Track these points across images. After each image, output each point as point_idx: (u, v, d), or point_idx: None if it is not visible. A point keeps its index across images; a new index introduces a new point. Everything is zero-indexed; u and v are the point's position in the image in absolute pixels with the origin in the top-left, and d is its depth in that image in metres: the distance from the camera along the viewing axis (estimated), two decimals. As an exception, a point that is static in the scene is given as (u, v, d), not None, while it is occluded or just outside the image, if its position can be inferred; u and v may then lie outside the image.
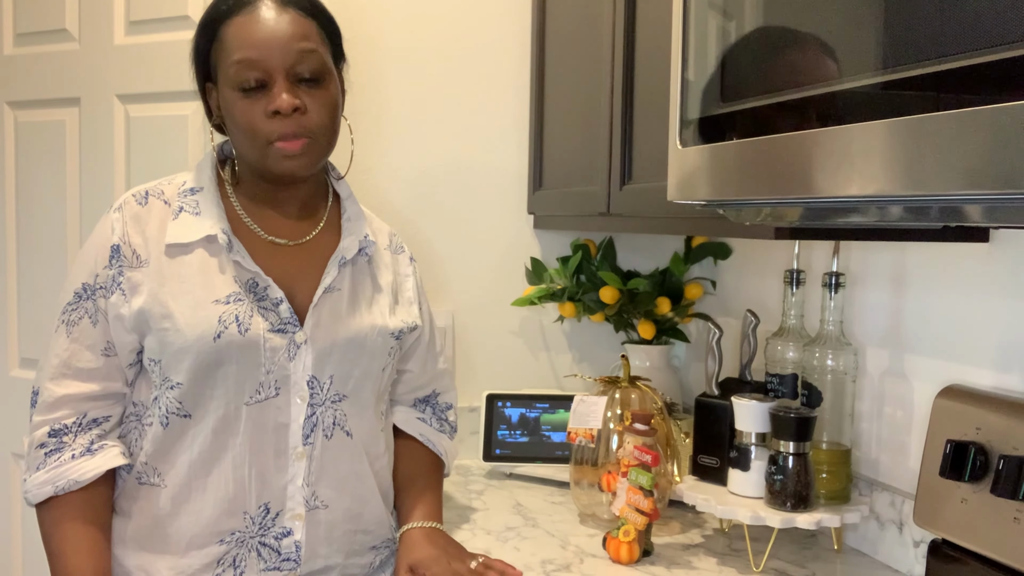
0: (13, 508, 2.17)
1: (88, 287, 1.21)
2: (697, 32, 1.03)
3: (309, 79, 1.18)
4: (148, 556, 1.20)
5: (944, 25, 0.67)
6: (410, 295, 1.38)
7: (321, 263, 1.27)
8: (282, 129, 1.16)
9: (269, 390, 1.20)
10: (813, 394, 1.41)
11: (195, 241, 1.20)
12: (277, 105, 1.15)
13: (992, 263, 1.20)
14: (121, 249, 1.19)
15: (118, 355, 1.21)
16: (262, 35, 1.16)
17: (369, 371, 1.28)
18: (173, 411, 1.19)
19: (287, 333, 1.20)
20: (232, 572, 1.20)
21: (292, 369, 1.20)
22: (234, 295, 1.18)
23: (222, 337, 1.16)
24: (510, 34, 1.97)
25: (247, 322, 1.17)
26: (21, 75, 2.10)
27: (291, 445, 1.21)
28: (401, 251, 1.41)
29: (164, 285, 1.18)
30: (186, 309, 1.16)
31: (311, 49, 1.18)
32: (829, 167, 0.79)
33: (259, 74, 1.16)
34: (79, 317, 1.20)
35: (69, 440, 1.19)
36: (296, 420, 1.21)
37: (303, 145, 1.18)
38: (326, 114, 1.20)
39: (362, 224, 1.32)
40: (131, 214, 1.22)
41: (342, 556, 1.27)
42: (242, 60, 1.15)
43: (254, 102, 1.16)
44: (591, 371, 2.04)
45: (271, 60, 1.16)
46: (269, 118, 1.16)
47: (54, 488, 1.18)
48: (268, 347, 1.19)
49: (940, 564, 1.18)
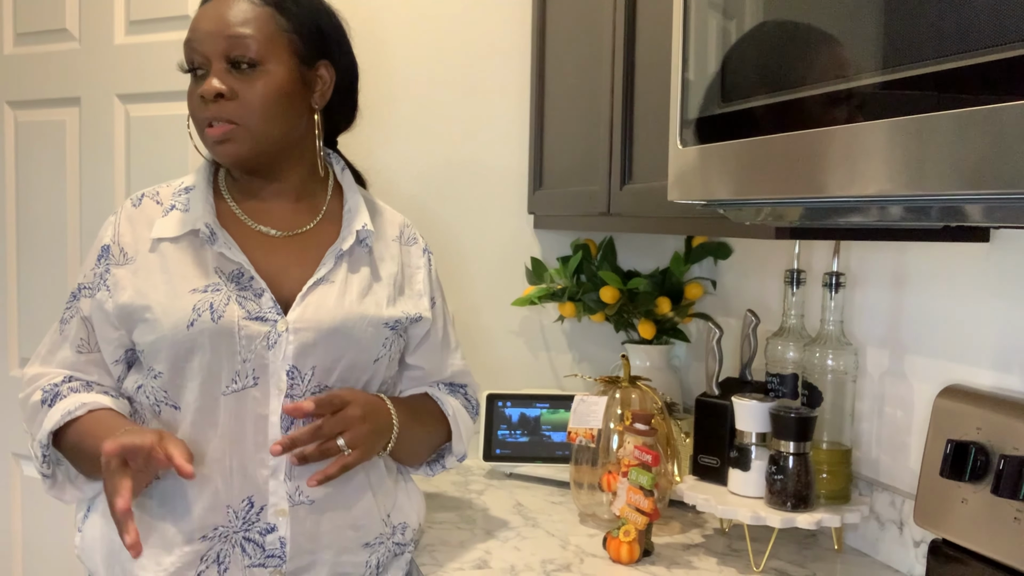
0: (13, 508, 2.17)
1: (82, 286, 1.25)
2: (697, 32, 1.03)
3: (244, 65, 1.19)
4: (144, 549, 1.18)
5: (944, 25, 0.67)
6: (420, 287, 1.35)
7: (316, 254, 1.26)
8: (206, 114, 1.19)
9: (246, 379, 1.18)
10: (813, 394, 1.41)
11: (180, 235, 1.23)
12: (201, 90, 1.18)
13: (992, 263, 1.20)
14: (111, 248, 1.24)
15: (100, 352, 1.24)
16: (205, 20, 1.20)
17: (357, 362, 1.25)
18: (161, 399, 1.21)
19: (267, 321, 1.19)
20: (216, 569, 1.18)
21: (271, 358, 1.18)
22: (212, 285, 1.19)
23: (195, 325, 1.17)
24: (510, 34, 1.97)
25: (221, 309, 1.18)
26: (21, 75, 2.10)
27: (270, 437, 1.18)
28: (414, 242, 1.39)
29: (147, 279, 1.21)
30: (163, 299, 1.19)
31: (245, 35, 1.18)
32: (829, 167, 0.79)
33: (198, 57, 1.20)
34: (71, 315, 1.26)
35: (62, 389, 1.23)
36: (275, 412, 1.19)
37: (224, 132, 1.19)
38: (257, 101, 1.19)
39: (362, 215, 1.30)
40: (126, 215, 1.26)
41: (332, 553, 1.23)
42: (185, 43, 1.21)
43: (196, 86, 1.21)
44: (591, 371, 2.04)
45: (204, 44, 1.19)
46: (199, 103, 1.20)
47: (61, 414, 1.18)
48: (243, 334, 1.18)
49: (940, 564, 1.18)
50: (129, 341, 1.23)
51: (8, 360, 2.17)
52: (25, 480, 2.15)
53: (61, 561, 2.07)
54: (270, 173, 1.27)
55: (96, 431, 1.16)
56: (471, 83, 1.96)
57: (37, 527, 2.14)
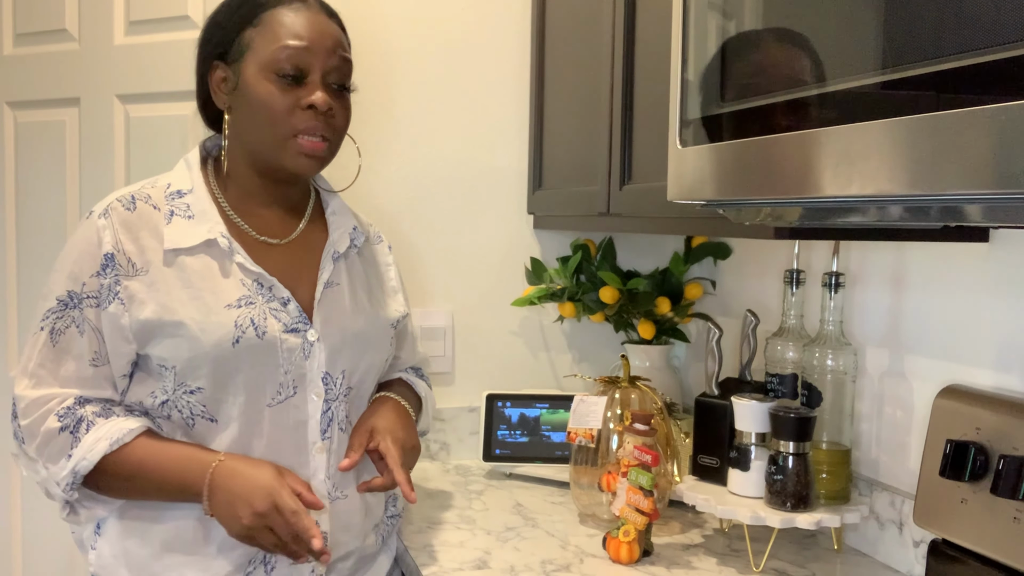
0: (13, 508, 2.18)
1: (74, 295, 1.17)
2: (697, 32, 1.03)
3: (340, 87, 1.23)
4: (179, 559, 1.19)
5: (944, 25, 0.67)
6: (394, 284, 1.41)
7: (313, 259, 1.28)
8: (311, 124, 1.19)
9: (288, 390, 1.21)
10: (813, 394, 1.41)
11: (196, 246, 1.19)
12: (314, 100, 1.18)
13: (992, 263, 1.20)
14: (116, 258, 1.17)
15: (110, 364, 1.18)
16: (315, 31, 1.20)
17: (374, 363, 1.32)
18: (198, 413, 1.18)
19: (299, 332, 1.21)
20: (263, 569, 1.20)
21: (308, 367, 1.22)
22: (244, 298, 1.19)
23: (241, 342, 1.16)
24: (510, 34, 1.96)
25: (263, 325, 1.18)
26: (21, 75, 2.10)
27: (310, 441, 1.22)
28: (380, 240, 1.43)
29: (170, 293, 1.17)
30: (198, 315, 1.16)
31: (349, 59, 1.25)
32: (829, 167, 0.79)
33: (302, 65, 1.18)
34: (65, 326, 1.17)
35: (85, 412, 1.16)
36: (313, 416, 1.22)
37: (325, 148, 1.21)
38: (345, 123, 1.25)
39: (349, 217, 1.34)
40: (121, 220, 1.19)
41: (359, 540, 1.29)
42: (290, 47, 1.18)
43: (286, 92, 1.18)
44: (591, 371, 2.04)
45: (317, 57, 1.19)
46: (302, 110, 1.18)
47: (109, 442, 1.14)
48: (285, 348, 1.19)
49: (940, 564, 1.18)
50: (136, 355, 1.18)
51: (8, 360, 2.17)
52: (25, 480, 2.14)
53: (61, 561, 2.07)
54: (291, 184, 1.28)
55: (163, 457, 1.15)
56: (471, 83, 1.96)
57: (37, 527, 2.14)
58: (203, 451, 1.17)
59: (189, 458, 1.16)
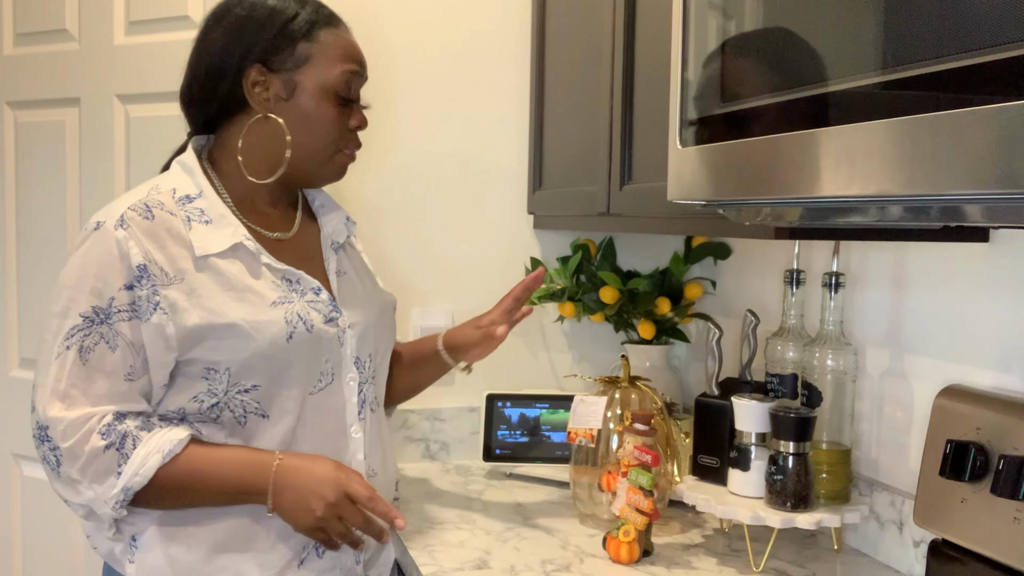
0: (13, 508, 2.17)
1: (100, 311, 1.14)
2: (697, 32, 1.03)
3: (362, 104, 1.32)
4: (233, 557, 1.18)
5: (944, 25, 0.67)
6: (372, 268, 1.46)
7: (315, 251, 1.32)
8: (354, 143, 1.30)
9: (328, 377, 1.25)
10: (813, 394, 1.41)
11: (225, 250, 1.19)
12: (361, 121, 1.29)
13: (992, 263, 1.20)
14: (149, 268, 1.14)
15: (148, 376, 1.16)
16: (361, 55, 1.30)
17: (390, 344, 1.40)
18: (252, 411, 1.20)
19: (334, 321, 1.25)
20: (315, 554, 1.22)
21: (343, 354, 1.27)
22: (283, 296, 1.21)
23: (294, 337, 1.19)
24: (510, 34, 1.96)
25: (308, 318, 1.22)
26: (21, 75, 2.10)
27: (348, 423, 1.27)
28: (354, 224, 1.44)
29: (213, 297, 1.16)
30: (248, 316, 1.17)
31: None
32: (829, 167, 0.79)
33: (356, 89, 1.29)
34: (94, 343, 1.13)
35: (127, 427, 1.13)
36: (350, 400, 1.27)
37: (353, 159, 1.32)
38: None
39: (338, 208, 1.39)
40: (143, 230, 1.16)
41: None
42: (350, 72, 1.26)
43: (342, 112, 1.26)
44: (591, 371, 2.04)
45: (363, 80, 1.30)
46: (350, 131, 1.28)
47: (161, 455, 1.12)
48: (326, 338, 1.24)
49: (940, 564, 1.18)
50: (175, 363, 1.16)
51: (8, 360, 2.16)
52: (25, 480, 2.14)
53: (61, 561, 2.07)
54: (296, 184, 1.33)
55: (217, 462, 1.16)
56: (471, 83, 1.96)
57: (37, 527, 2.14)
58: (257, 452, 1.18)
59: (245, 460, 1.17)
